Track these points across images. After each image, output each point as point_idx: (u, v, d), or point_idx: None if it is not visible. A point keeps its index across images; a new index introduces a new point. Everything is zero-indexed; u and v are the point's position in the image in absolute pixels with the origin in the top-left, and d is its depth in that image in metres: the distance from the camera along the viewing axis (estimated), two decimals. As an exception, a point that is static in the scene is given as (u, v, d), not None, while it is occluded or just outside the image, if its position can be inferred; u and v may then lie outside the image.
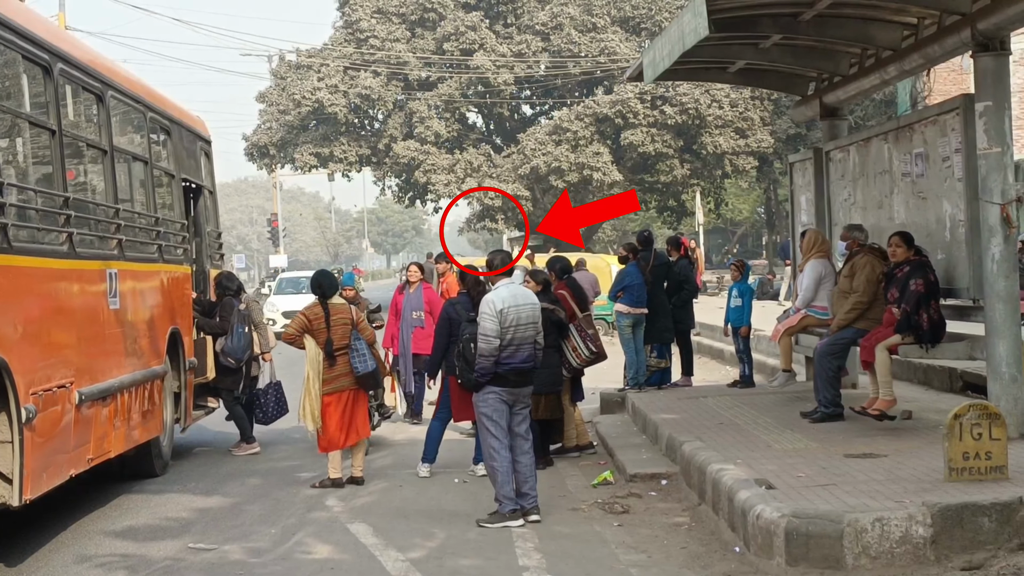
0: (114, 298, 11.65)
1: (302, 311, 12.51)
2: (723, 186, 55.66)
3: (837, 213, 15.11)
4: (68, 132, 10.88)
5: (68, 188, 10.61)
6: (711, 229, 75.98)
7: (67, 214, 10.47)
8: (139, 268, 12.75)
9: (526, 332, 10.46)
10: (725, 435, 12.13)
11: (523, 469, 10.56)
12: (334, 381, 12.30)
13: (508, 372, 10.39)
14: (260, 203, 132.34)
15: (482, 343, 10.30)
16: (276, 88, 52.90)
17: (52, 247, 10.26)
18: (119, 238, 11.99)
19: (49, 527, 10.80)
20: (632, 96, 47.63)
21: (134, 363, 12.26)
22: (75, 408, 10.22)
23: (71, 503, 11.74)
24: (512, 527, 10.18)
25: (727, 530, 9.37)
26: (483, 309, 10.42)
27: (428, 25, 51.60)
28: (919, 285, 11.37)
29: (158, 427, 13.22)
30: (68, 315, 10.46)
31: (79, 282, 10.84)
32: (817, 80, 15.83)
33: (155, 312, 13.21)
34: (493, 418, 10.44)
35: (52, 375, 9.80)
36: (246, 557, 9.55)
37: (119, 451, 11.71)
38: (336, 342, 12.29)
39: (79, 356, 10.56)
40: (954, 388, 14.31)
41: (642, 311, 16.17)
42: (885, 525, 8.09)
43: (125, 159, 12.95)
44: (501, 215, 51.18)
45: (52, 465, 9.75)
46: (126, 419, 11.81)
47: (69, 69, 11.02)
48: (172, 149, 14.91)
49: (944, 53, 12.12)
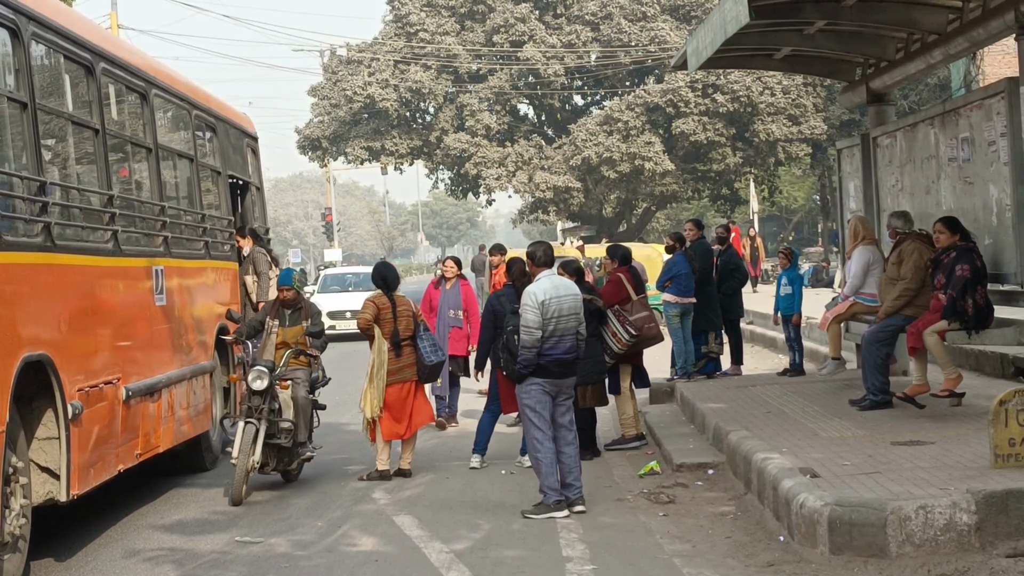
0: (160, 295, 11.77)
1: (370, 299, 12.58)
2: (776, 174, 55.30)
3: (885, 199, 15.01)
4: (112, 131, 10.99)
5: (112, 186, 10.73)
6: (766, 217, 75.52)
7: (112, 212, 10.61)
8: (186, 265, 12.86)
9: (568, 323, 10.44)
10: (772, 424, 12.10)
11: (567, 460, 10.55)
12: (398, 372, 12.42)
13: (551, 363, 10.37)
14: (315, 197, 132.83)
15: (524, 334, 10.29)
16: (328, 83, 53.10)
17: (97, 245, 10.37)
18: (165, 235, 12.12)
19: (99, 522, 10.92)
20: (683, 85, 47.40)
21: (182, 359, 12.38)
22: (122, 404, 10.31)
23: (122, 498, 11.86)
24: (557, 517, 10.19)
25: (772, 519, 9.35)
26: (525, 300, 10.42)
27: (477, 18, 51.58)
28: (965, 271, 11.27)
29: (207, 422, 13.34)
30: (113, 312, 10.56)
31: (125, 279, 10.95)
32: (864, 65, 15.72)
33: (203, 308, 13.32)
34: (536, 409, 10.43)
35: (98, 372, 9.90)
36: (291, 550, 9.62)
37: (168, 446, 11.79)
38: (402, 332, 12.40)
39: (125, 352, 10.67)
40: (1006, 374, 14.17)
41: (690, 301, 16.13)
42: (929, 513, 8.03)
43: (170, 157, 13.06)
44: (553, 207, 51.10)
45: (100, 461, 9.83)
46: (174, 414, 11.90)
47: (112, 68, 11.13)
48: (218, 146, 15.00)
49: (989, 36, 12.03)
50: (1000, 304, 11.92)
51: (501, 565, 8.87)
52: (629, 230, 55.66)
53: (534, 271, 10.85)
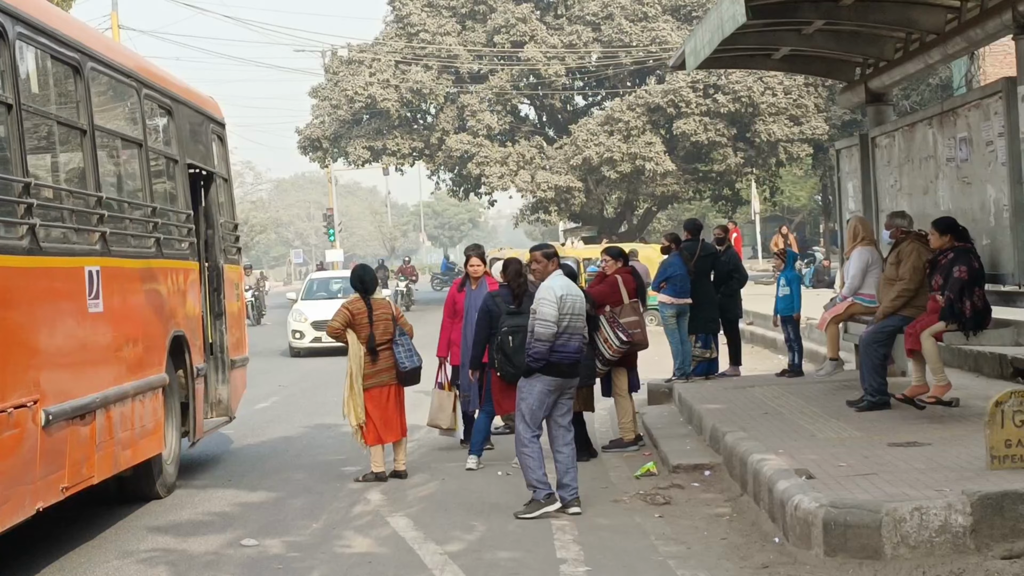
0: (95, 300, 10.06)
1: (344, 304, 12.49)
2: (778, 174, 55.27)
3: (884, 199, 14.97)
4: (32, 107, 9.34)
5: (28, 173, 8.95)
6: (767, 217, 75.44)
7: (27, 203, 8.84)
8: (129, 265, 11.19)
9: (578, 323, 10.49)
10: (769, 425, 12.08)
11: (564, 460, 10.54)
12: (375, 376, 12.33)
13: (561, 361, 10.36)
14: (317, 198, 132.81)
15: (539, 327, 10.24)
16: (329, 83, 53.08)
17: (8, 242, 8.61)
18: (102, 231, 10.37)
19: (92, 523, 10.89)
20: (684, 85, 47.40)
21: (124, 373, 10.73)
22: (41, 430, 8.73)
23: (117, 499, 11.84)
24: (550, 511, 10.22)
25: (768, 521, 9.32)
26: (543, 295, 10.37)
27: (478, 18, 51.55)
28: (962, 272, 11.23)
29: (158, 444, 11.66)
30: (29, 323, 8.85)
31: (46, 282, 9.23)
32: (863, 65, 15.69)
33: (152, 314, 11.69)
34: (534, 408, 10.41)
35: (6, 394, 8.29)
36: (286, 551, 9.60)
37: (105, 475, 10.22)
38: (378, 337, 12.30)
39: (46, 370, 9.05)
40: (1004, 375, 14.13)
41: (685, 301, 16.08)
42: (924, 514, 8.00)
43: (111, 141, 11.37)
44: (554, 206, 51.06)
45: (11, 499, 8.35)
46: (113, 438, 10.30)
47: (31, 34, 9.38)
48: (175, 131, 13.21)
49: (986, 36, 11.99)
50: (998, 305, 11.88)
51: (495, 567, 8.83)
52: (630, 230, 55.61)
53: (551, 269, 10.70)
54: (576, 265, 21.18)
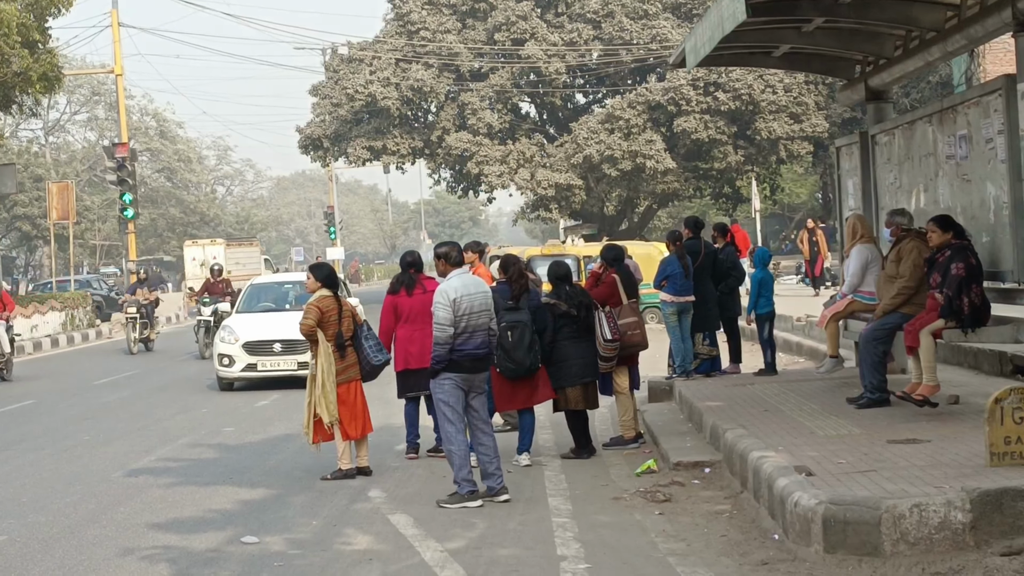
0: None
1: (313, 303, 12.41)
2: (778, 172, 55.27)
3: (884, 197, 14.97)
4: None
5: None
6: (768, 215, 75.43)
7: None
8: None
9: (479, 320, 10.82)
10: (769, 422, 12.08)
11: (486, 451, 10.98)
12: (344, 372, 12.42)
13: (463, 358, 10.76)
14: (318, 196, 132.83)
15: (436, 331, 10.67)
16: (329, 82, 53.09)
17: None
18: None
19: (93, 520, 10.90)
20: (685, 83, 47.38)
21: None
22: None
23: (117, 497, 11.84)
24: (470, 507, 10.58)
25: (767, 518, 9.33)
26: (437, 299, 10.77)
27: (479, 16, 51.55)
28: (960, 269, 11.23)
29: None
30: None
31: None
32: (863, 63, 15.68)
33: None
34: (450, 403, 10.83)
35: None
36: (286, 548, 9.61)
37: None
38: (345, 334, 12.46)
39: None
40: (1004, 372, 14.13)
41: (687, 299, 16.08)
42: (923, 511, 8.01)
43: None
44: (555, 204, 51.06)
45: None
46: None
47: None
48: None
49: (986, 33, 11.98)
50: (998, 302, 11.89)
51: (495, 564, 8.85)
52: (631, 228, 55.62)
53: (447, 270, 11.07)
54: (576, 263, 21.28)
